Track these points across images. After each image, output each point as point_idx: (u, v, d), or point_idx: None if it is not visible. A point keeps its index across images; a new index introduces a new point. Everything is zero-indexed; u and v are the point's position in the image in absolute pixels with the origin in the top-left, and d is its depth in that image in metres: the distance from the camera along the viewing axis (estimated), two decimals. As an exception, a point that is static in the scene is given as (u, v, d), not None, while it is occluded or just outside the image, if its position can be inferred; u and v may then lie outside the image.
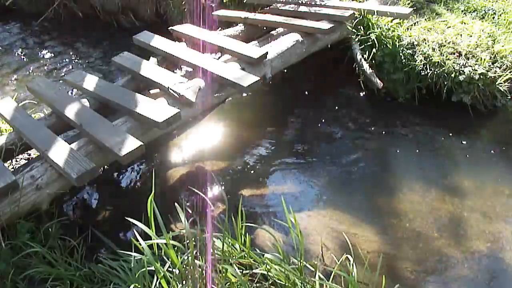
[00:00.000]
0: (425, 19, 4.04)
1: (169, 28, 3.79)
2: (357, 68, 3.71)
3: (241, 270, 2.03)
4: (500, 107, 3.42)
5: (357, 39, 3.76)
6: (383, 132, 3.36)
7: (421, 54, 3.51)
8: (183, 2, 4.93)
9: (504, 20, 4.02)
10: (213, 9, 4.40)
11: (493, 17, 4.11)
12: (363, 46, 3.72)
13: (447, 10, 4.31)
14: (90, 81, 3.00)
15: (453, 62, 3.41)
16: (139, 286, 1.87)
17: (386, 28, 3.72)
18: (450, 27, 3.85)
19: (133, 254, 1.96)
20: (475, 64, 3.37)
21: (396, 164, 3.04)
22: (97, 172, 2.27)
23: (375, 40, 3.64)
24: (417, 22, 3.98)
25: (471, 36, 3.66)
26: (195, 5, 4.69)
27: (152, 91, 2.95)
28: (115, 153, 2.31)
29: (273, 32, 3.91)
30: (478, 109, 3.41)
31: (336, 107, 3.65)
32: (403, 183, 2.85)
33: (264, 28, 3.99)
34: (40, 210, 2.33)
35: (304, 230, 2.45)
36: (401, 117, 3.49)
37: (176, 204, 1.99)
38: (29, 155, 2.92)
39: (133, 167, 3.09)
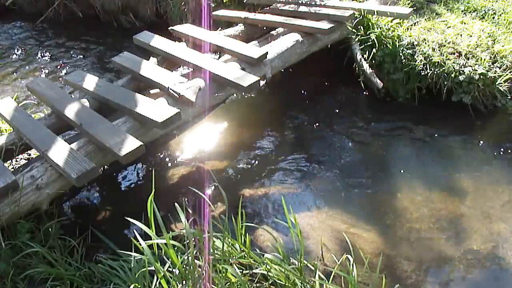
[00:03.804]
0: (425, 19, 4.03)
1: (169, 28, 3.79)
2: (357, 68, 3.71)
3: (241, 270, 2.03)
4: (500, 107, 3.41)
5: (357, 39, 3.76)
6: (383, 132, 3.35)
7: (421, 54, 3.51)
8: (183, 2, 4.94)
9: (504, 20, 4.02)
10: (213, 9, 4.40)
11: (493, 17, 4.10)
12: (363, 46, 3.72)
13: (447, 10, 4.30)
14: (90, 81, 3.00)
15: (453, 62, 3.40)
16: (139, 286, 1.87)
17: (386, 28, 3.72)
18: (450, 27, 3.85)
19: (133, 254, 1.96)
20: (475, 64, 3.36)
21: (396, 164, 3.04)
22: (97, 172, 2.27)
23: (375, 40, 3.64)
24: (417, 22, 3.98)
25: (471, 36, 3.65)
26: (195, 5, 4.70)
27: (152, 91, 2.95)
28: (115, 153, 2.31)
29: (273, 32, 3.91)
30: (478, 109, 3.41)
31: (336, 107, 3.65)
32: (403, 183, 2.85)
33: (264, 28, 3.99)
34: (40, 210, 2.33)
35: (304, 230, 2.45)
36: (401, 117, 3.49)
37: (176, 204, 1.99)
38: (29, 155, 2.92)
39: (133, 167, 3.09)
